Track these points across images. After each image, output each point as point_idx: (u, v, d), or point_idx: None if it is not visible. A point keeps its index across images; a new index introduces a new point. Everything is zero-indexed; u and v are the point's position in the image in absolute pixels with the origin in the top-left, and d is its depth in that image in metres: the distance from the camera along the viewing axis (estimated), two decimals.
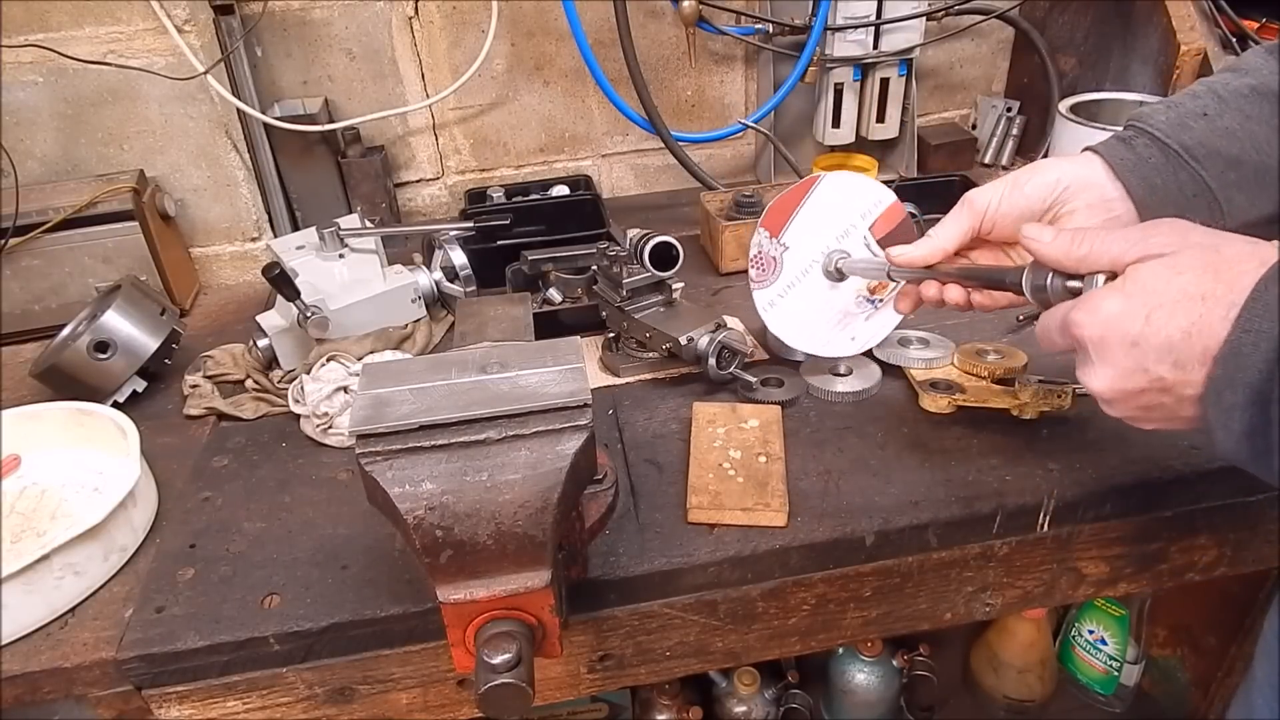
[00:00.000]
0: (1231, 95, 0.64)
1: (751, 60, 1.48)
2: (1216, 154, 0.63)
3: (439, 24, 1.34)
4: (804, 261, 0.87)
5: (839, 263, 0.85)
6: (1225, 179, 0.63)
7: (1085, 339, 0.52)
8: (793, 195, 0.86)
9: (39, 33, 1.11)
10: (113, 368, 0.98)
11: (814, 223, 0.86)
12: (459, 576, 0.59)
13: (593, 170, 1.51)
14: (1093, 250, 0.53)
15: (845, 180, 0.86)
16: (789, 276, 0.87)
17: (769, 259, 0.86)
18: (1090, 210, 0.65)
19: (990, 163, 1.53)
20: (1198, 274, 0.48)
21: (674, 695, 1.39)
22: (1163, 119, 0.65)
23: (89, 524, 0.74)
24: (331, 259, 1.06)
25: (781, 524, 0.77)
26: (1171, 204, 0.64)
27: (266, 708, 0.75)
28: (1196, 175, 0.63)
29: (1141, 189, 0.64)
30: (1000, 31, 1.52)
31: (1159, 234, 0.51)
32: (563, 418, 0.59)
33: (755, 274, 0.87)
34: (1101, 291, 0.51)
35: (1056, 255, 0.55)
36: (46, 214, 1.11)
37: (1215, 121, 0.63)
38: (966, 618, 0.88)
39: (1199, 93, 0.66)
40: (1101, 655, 1.46)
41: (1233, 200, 0.64)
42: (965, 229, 0.68)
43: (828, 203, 0.86)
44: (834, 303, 0.88)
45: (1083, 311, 0.52)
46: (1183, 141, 0.63)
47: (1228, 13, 1.23)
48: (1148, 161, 0.64)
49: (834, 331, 0.89)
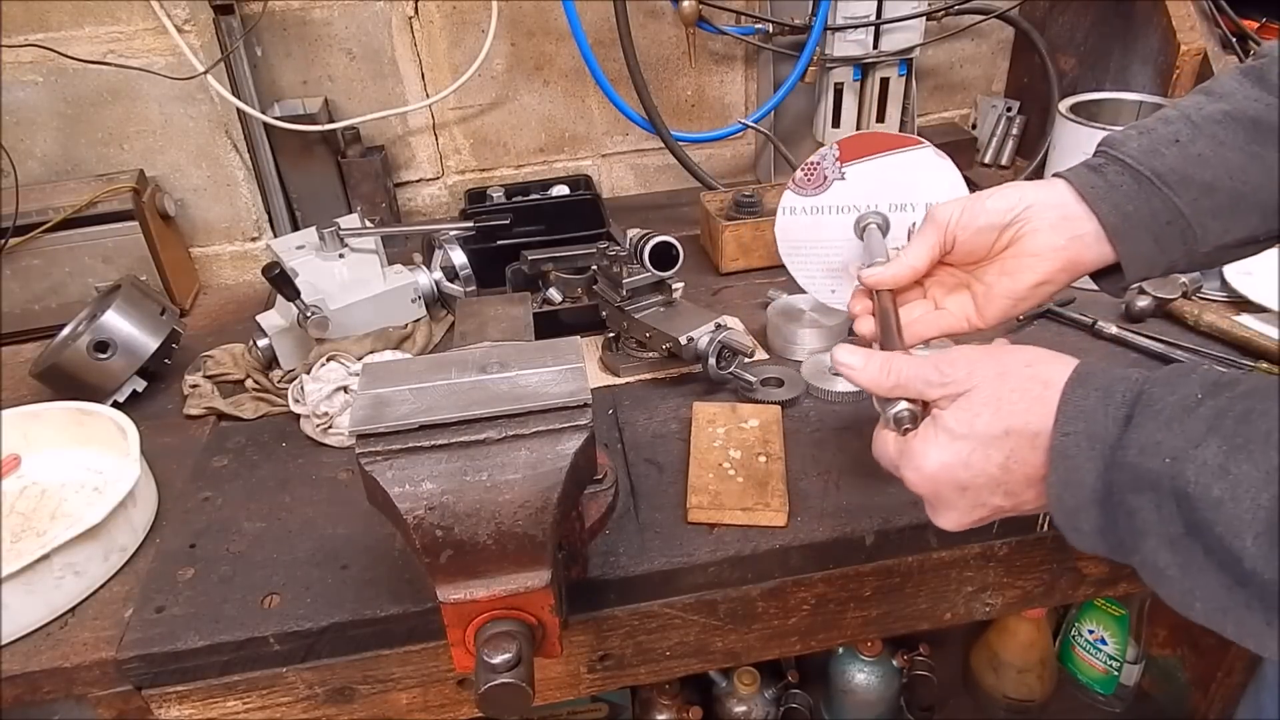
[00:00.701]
0: (1204, 121, 0.63)
1: (751, 60, 1.48)
2: (1189, 180, 0.62)
3: (439, 24, 1.34)
4: (847, 200, 0.84)
5: (867, 225, 0.82)
6: (1199, 205, 0.62)
7: (920, 493, 0.56)
8: (887, 140, 0.82)
9: (39, 33, 1.11)
10: (113, 367, 0.98)
11: (885, 178, 0.83)
12: (459, 576, 0.59)
13: (593, 170, 1.51)
14: (900, 381, 0.55)
15: (942, 166, 0.82)
16: (824, 201, 0.84)
17: (821, 175, 0.83)
18: (1053, 230, 0.64)
19: (990, 162, 1.52)
20: (993, 411, 0.51)
21: (674, 695, 1.39)
22: (1134, 145, 0.64)
23: (89, 524, 0.74)
24: (331, 259, 1.06)
25: (781, 524, 0.77)
26: (1145, 230, 0.63)
27: (266, 708, 0.75)
28: (1170, 202, 0.62)
29: (1114, 217, 0.63)
30: (1000, 31, 1.52)
31: (951, 367, 0.54)
32: (563, 417, 0.59)
33: (799, 176, 0.84)
34: (920, 445, 0.54)
35: (867, 381, 0.57)
36: (46, 214, 1.11)
37: (1188, 148, 0.63)
38: (966, 618, 0.88)
39: (1171, 118, 0.65)
40: (1101, 655, 1.46)
41: (1207, 226, 0.63)
42: (933, 244, 0.68)
43: (912, 171, 0.82)
44: (842, 252, 0.86)
45: (909, 469, 0.55)
46: (1155, 168, 0.63)
47: (1228, 13, 1.23)
48: (1119, 189, 0.63)
49: (823, 274, 0.87)
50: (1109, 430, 0.47)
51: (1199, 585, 0.44)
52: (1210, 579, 0.43)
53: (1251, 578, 0.41)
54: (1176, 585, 0.45)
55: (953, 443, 0.52)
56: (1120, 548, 0.48)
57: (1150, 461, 0.44)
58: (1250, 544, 0.40)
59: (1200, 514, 0.42)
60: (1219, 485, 0.42)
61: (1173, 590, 0.46)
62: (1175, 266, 0.66)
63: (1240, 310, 1.02)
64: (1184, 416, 0.44)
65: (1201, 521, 0.42)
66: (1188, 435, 0.44)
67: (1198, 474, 0.42)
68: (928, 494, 0.55)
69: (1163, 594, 0.47)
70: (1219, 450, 0.42)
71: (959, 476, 0.52)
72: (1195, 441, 0.43)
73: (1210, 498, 0.42)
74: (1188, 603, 0.45)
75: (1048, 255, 0.65)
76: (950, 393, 0.53)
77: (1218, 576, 0.42)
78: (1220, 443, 0.42)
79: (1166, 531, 0.44)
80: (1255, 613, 0.42)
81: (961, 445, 0.52)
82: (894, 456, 0.56)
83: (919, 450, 0.54)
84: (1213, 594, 0.43)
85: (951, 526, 0.56)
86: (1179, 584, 0.45)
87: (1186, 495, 0.43)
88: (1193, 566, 0.44)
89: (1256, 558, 0.40)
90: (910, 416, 0.55)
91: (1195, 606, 0.45)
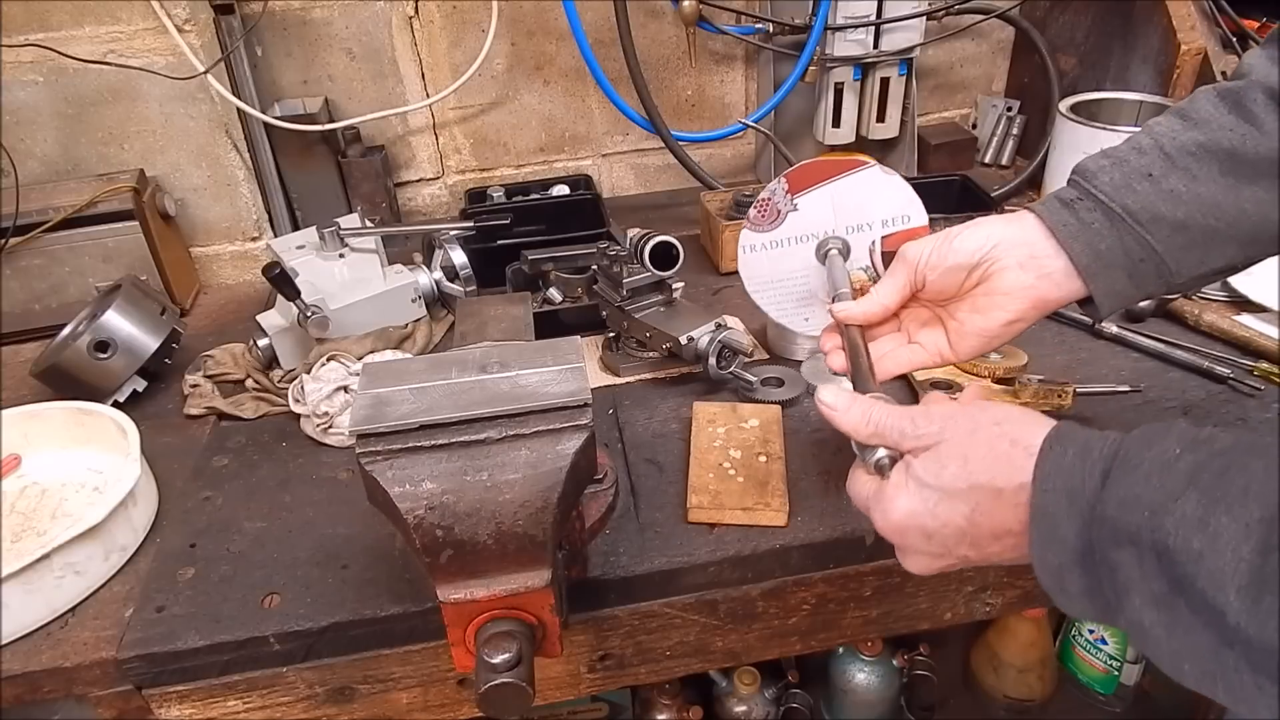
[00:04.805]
0: (1178, 152, 0.62)
1: (751, 60, 1.48)
2: (1161, 219, 0.62)
3: (439, 23, 1.34)
4: (803, 230, 0.84)
5: (829, 252, 0.83)
6: (1172, 242, 0.62)
7: (888, 537, 0.56)
8: (831, 166, 0.83)
9: (39, 32, 1.11)
10: (113, 367, 0.98)
11: (836, 202, 0.83)
12: (459, 576, 0.59)
13: (593, 170, 1.51)
14: (878, 429, 0.56)
15: (890, 182, 0.83)
16: (781, 234, 0.85)
17: (774, 209, 0.84)
18: (1021, 268, 0.64)
19: (990, 162, 1.53)
20: (959, 466, 0.52)
21: (674, 695, 1.39)
22: (1107, 179, 0.63)
23: (89, 523, 0.74)
24: (331, 259, 1.06)
25: (781, 523, 0.77)
26: (1118, 268, 0.63)
27: (267, 707, 0.75)
28: (1142, 239, 0.62)
29: (1086, 255, 0.63)
30: (1000, 31, 1.52)
31: (926, 421, 0.54)
32: (563, 417, 0.59)
33: (754, 214, 0.85)
34: (890, 491, 0.54)
35: (847, 427, 0.58)
36: (47, 213, 1.11)
37: (1160, 184, 0.62)
38: (966, 617, 0.88)
39: (1145, 148, 0.64)
40: (1102, 655, 1.46)
41: (1181, 260, 0.63)
42: (904, 283, 0.68)
43: (861, 192, 0.83)
44: (809, 280, 0.86)
45: (878, 514, 0.56)
46: (1127, 205, 0.62)
47: (1228, 12, 1.23)
48: (1091, 227, 0.63)
49: (793, 305, 0.87)
50: (1087, 486, 0.46)
51: (1185, 647, 0.43)
52: (1197, 639, 0.42)
53: (1237, 635, 0.40)
54: (1164, 646, 0.44)
55: (920, 490, 0.53)
56: (1107, 609, 0.47)
57: (1130, 515, 0.44)
58: (1234, 598, 0.39)
59: (1182, 568, 0.41)
60: (1199, 538, 0.41)
61: (1161, 652, 0.45)
62: (1152, 295, 0.66)
63: (1240, 310, 1.02)
64: (1162, 471, 0.44)
65: (1184, 576, 0.42)
66: (1166, 489, 0.43)
67: (1177, 526, 0.42)
68: (895, 538, 0.56)
69: (1152, 657, 0.46)
70: (1198, 504, 0.42)
71: (925, 525, 0.53)
72: (1174, 495, 0.43)
73: (1191, 550, 0.41)
74: (1177, 665, 0.44)
75: (1017, 294, 0.65)
76: (923, 444, 0.54)
77: (1204, 636, 0.42)
78: (1199, 496, 0.42)
79: (1150, 589, 0.44)
80: (1244, 675, 0.40)
81: (929, 494, 0.52)
82: (867, 498, 0.57)
83: (890, 495, 0.54)
84: (1200, 656, 0.42)
85: (919, 571, 0.57)
86: (1166, 645, 0.44)
87: (1167, 549, 0.42)
88: (1178, 626, 0.43)
89: (1240, 612, 0.39)
90: (891, 463, 0.56)
91: (1185, 669, 0.44)
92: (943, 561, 0.55)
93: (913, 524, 0.54)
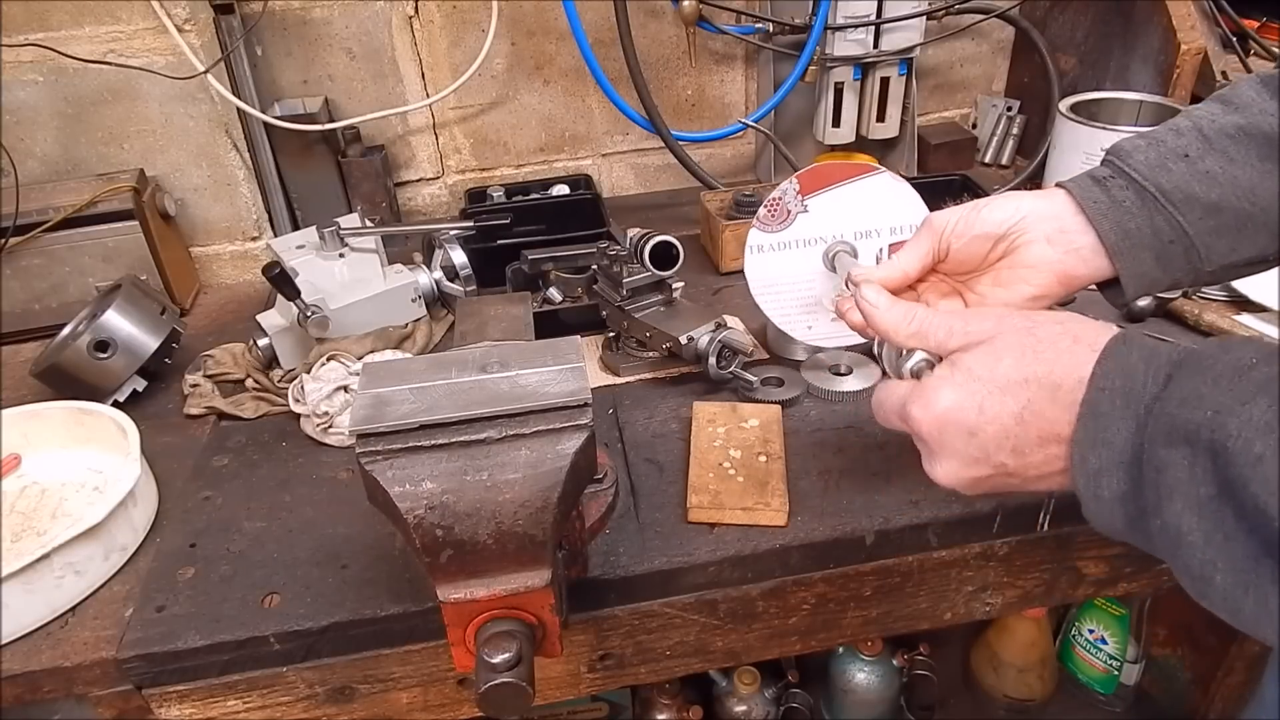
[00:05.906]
0: (1217, 135, 0.61)
1: (751, 59, 1.48)
2: (1195, 199, 0.60)
3: (439, 23, 1.34)
4: (813, 233, 0.84)
5: (836, 255, 0.83)
6: (1204, 225, 0.61)
7: (924, 433, 0.53)
8: (843, 169, 0.83)
9: (39, 32, 1.11)
10: (113, 367, 0.98)
11: (846, 206, 0.83)
12: (459, 576, 0.59)
13: (593, 170, 1.51)
14: (921, 329, 0.54)
15: (900, 189, 0.83)
16: (790, 236, 0.84)
17: (784, 209, 0.83)
18: (1048, 242, 0.63)
19: (990, 162, 1.52)
20: (1016, 358, 0.49)
21: (674, 695, 1.39)
22: (1142, 158, 0.62)
23: (89, 523, 0.74)
24: (331, 258, 1.06)
25: (781, 523, 0.77)
26: (1147, 249, 0.62)
27: (267, 707, 0.75)
28: (1173, 220, 0.61)
29: (1115, 234, 0.62)
30: (1000, 31, 1.52)
31: (979, 319, 0.52)
32: (563, 417, 0.59)
33: (764, 213, 0.84)
34: (934, 383, 0.52)
35: (887, 326, 0.56)
36: (47, 213, 1.11)
37: (1197, 164, 0.61)
38: (966, 617, 0.88)
39: (1183, 129, 0.63)
40: (1102, 655, 1.46)
41: (1211, 245, 0.61)
42: (926, 250, 0.67)
43: (871, 198, 0.83)
44: (814, 286, 0.86)
45: (918, 406, 0.53)
46: (1160, 185, 0.61)
47: (1228, 12, 1.23)
48: (1122, 205, 0.62)
49: (797, 310, 0.87)
50: (1148, 388, 0.44)
51: (1222, 555, 0.41)
52: (1236, 548, 0.40)
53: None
54: (1197, 554, 0.42)
55: (969, 383, 0.50)
56: (1141, 515, 0.45)
57: (1190, 413, 0.42)
58: None
59: (1236, 471, 0.40)
60: (1262, 441, 0.39)
61: (1191, 560, 0.42)
62: (1180, 283, 0.65)
63: (1240, 310, 1.02)
64: (1234, 376, 0.42)
65: (1236, 479, 0.40)
66: (1236, 394, 0.41)
67: (1240, 429, 0.40)
68: (932, 435, 0.52)
69: (1178, 566, 0.44)
70: (1268, 408, 0.40)
71: (969, 420, 0.50)
72: (1243, 400, 0.41)
73: (1251, 454, 0.39)
74: (1206, 575, 0.42)
75: (1042, 268, 0.64)
76: (974, 340, 0.51)
77: (1245, 545, 0.40)
78: (1270, 403, 0.40)
79: (1196, 493, 0.42)
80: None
81: (978, 387, 0.50)
82: (902, 398, 0.54)
83: (933, 387, 0.51)
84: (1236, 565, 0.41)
85: (947, 479, 0.54)
86: (1199, 552, 0.42)
87: (1225, 450, 0.40)
88: (1219, 533, 0.41)
89: None
90: (928, 366, 0.53)
91: (1214, 580, 0.42)
92: (977, 470, 0.52)
93: (956, 418, 0.50)
